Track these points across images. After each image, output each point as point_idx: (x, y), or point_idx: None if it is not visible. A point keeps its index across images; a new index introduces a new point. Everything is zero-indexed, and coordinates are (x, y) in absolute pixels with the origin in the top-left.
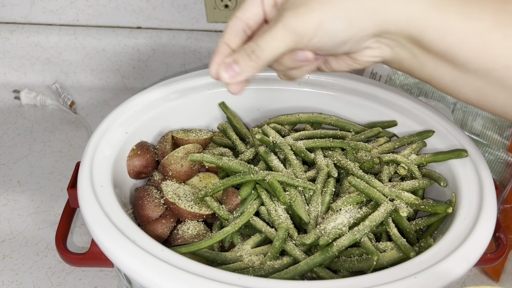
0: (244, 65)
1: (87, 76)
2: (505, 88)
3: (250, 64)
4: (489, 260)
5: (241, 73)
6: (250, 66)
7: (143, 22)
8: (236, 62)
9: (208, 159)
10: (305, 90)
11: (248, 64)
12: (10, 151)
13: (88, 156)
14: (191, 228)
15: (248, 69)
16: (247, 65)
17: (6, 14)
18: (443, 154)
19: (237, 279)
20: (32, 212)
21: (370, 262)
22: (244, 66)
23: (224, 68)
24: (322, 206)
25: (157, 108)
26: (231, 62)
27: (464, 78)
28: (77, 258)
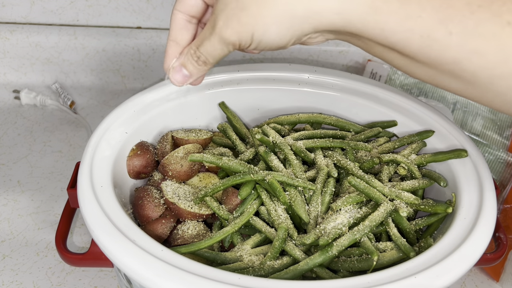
0: (192, 69)
1: (87, 76)
2: (457, 78)
3: (198, 68)
4: (489, 260)
5: (190, 76)
6: (198, 69)
7: (143, 22)
8: (184, 66)
9: (208, 159)
10: (305, 90)
11: (196, 68)
12: (10, 151)
13: (88, 156)
14: (191, 228)
15: (197, 71)
16: (195, 68)
17: (6, 14)
18: (443, 154)
19: (237, 279)
20: (32, 212)
21: (370, 262)
22: (192, 70)
23: (174, 72)
24: (322, 206)
25: (157, 108)
26: (179, 66)
27: (415, 65)
28: (77, 258)
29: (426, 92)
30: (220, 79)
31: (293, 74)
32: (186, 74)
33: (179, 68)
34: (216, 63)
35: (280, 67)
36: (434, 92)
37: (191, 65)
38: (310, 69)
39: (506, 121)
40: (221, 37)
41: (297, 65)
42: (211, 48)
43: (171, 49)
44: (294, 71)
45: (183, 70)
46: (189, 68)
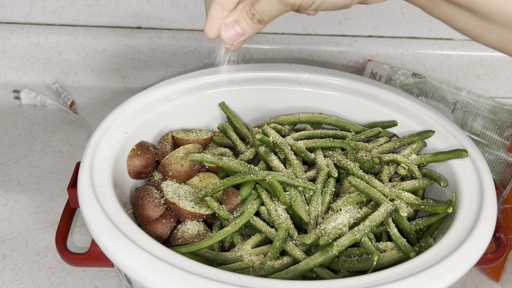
0: (245, 26)
1: (87, 76)
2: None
3: (252, 26)
4: (489, 260)
5: (243, 34)
6: (252, 27)
7: (143, 22)
8: (237, 22)
9: (208, 159)
10: (305, 90)
11: (250, 26)
12: (10, 151)
13: (88, 156)
14: (191, 228)
15: (250, 29)
16: (249, 26)
17: (6, 14)
18: (443, 154)
19: (237, 279)
20: (32, 212)
21: (370, 262)
22: (245, 27)
23: (225, 28)
24: (322, 206)
25: (157, 108)
26: (233, 22)
27: (486, 26)
28: (77, 258)
29: (426, 92)
30: (220, 79)
31: (293, 74)
32: (239, 32)
33: (232, 25)
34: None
35: (280, 67)
36: (434, 92)
37: (245, 22)
38: (310, 69)
39: (506, 121)
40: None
41: (297, 65)
42: (268, 7)
43: (215, 12)
44: (294, 71)
45: (236, 27)
46: (243, 25)
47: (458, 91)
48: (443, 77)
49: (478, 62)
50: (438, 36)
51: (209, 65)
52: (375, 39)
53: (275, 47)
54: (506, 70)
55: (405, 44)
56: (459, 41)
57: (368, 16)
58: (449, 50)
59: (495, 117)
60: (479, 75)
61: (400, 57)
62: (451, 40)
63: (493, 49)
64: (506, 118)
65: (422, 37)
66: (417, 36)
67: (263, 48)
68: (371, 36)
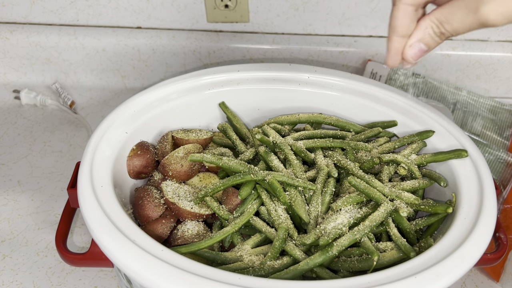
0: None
1: (87, 76)
2: None
3: (438, 42)
4: (489, 260)
5: (428, 50)
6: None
7: (143, 22)
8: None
9: (208, 159)
10: (305, 90)
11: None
12: (10, 151)
13: (88, 156)
14: (191, 228)
15: (435, 45)
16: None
17: (6, 14)
18: (443, 154)
19: (237, 279)
20: (32, 212)
21: (370, 262)
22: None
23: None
24: (322, 206)
25: (157, 108)
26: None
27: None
28: (77, 258)
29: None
30: (220, 79)
31: (293, 74)
32: (424, 49)
33: (417, 45)
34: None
35: (280, 67)
36: (434, 92)
37: (432, 39)
38: (310, 69)
39: (506, 121)
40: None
41: (297, 65)
42: (463, 27)
43: (398, 44)
44: (294, 71)
45: (421, 45)
46: (429, 43)
47: (458, 91)
48: (443, 77)
49: (478, 62)
50: None
51: (209, 65)
52: (375, 39)
53: (275, 47)
54: (506, 70)
55: None
56: (459, 41)
57: (368, 16)
58: (449, 50)
59: (495, 117)
60: (479, 75)
61: None
62: (451, 40)
63: (493, 49)
64: (506, 118)
65: None
66: None
67: (263, 48)
68: (371, 36)
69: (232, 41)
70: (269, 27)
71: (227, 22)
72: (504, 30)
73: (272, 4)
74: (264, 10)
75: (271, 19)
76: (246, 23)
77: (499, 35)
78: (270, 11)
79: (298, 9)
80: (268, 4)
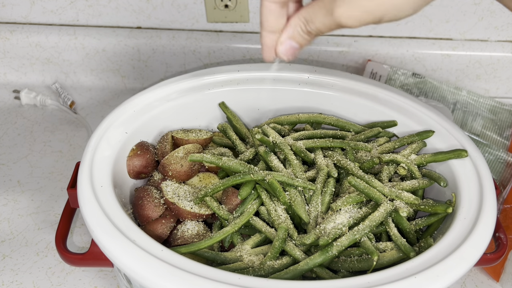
0: (302, 40)
1: (87, 76)
2: None
3: (308, 39)
4: (489, 260)
5: (300, 47)
6: (308, 41)
7: (143, 22)
8: (293, 39)
9: (208, 159)
10: (305, 90)
11: (306, 40)
12: (10, 151)
13: (88, 156)
14: (191, 228)
15: (306, 43)
16: (305, 40)
17: (6, 14)
18: (443, 154)
19: (237, 279)
20: (32, 212)
21: (370, 262)
22: (302, 42)
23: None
24: (322, 206)
25: (157, 108)
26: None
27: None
28: (77, 258)
29: (426, 92)
30: (220, 79)
31: (293, 74)
32: (295, 46)
33: (288, 42)
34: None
35: (280, 67)
36: (434, 92)
37: (300, 37)
38: (310, 69)
39: (506, 121)
40: (340, 23)
41: (297, 65)
42: (324, 27)
43: (268, 39)
44: (294, 71)
45: (291, 43)
46: (299, 40)
47: (458, 91)
48: (443, 77)
49: (478, 62)
50: (438, 36)
51: (209, 65)
52: (375, 39)
53: None
54: (506, 70)
55: (405, 44)
56: (459, 41)
57: None
58: (449, 50)
59: (495, 117)
60: (479, 75)
61: (400, 57)
62: (451, 40)
63: (493, 49)
64: (506, 118)
65: (422, 37)
66: (417, 36)
67: None
68: (371, 36)
69: (232, 41)
70: None
71: (227, 22)
72: (504, 30)
73: None
74: None
75: None
76: (246, 23)
77: (499, 35)
78: None
79: None
80: None
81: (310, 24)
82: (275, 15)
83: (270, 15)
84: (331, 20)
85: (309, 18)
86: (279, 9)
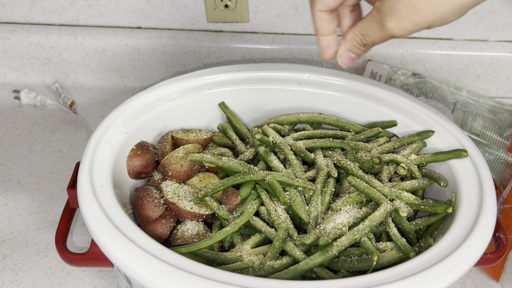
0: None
1: (87, 76)
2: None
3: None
4: (489, 260)
5: (357, 57)
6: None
7: (143, 22)
8: (350, 51)
9: (208, 159)
10: (305, 90)
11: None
12: (10, 151)
13: (88, 156)
14: (191, 228)
15: (362, 53)
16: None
17: (6, 14)
18: (443, 154)
19: (237, 279)
20: (32, 212)
21: (370, 262)
22: (359, 53)
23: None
24: (322, 206)
25: (157, 108)
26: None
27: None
28: (77, 258)
29: (426, 92)
30: (220, 79)
31: (293, 74)
32: (353, 57)
33: (346, 54)
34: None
35: (280, 67)
36: (434, 92)
37: (358, 49)
38: (310, 69)
39: (506, 121)
40: (392, 35)
41: (297, 65)
42: (379, 39)
43: (325, 42)
44: (294, 71)
45: (349, 54)
46: (356, 52)
47: (458, 91)
48: (443, 77)
49: (478, 62)
50: (438, 36)
51: (209, 65)
52: None
53: (275, 47)
54: (506, 70)
55: (405, 44)
56: (459, 41)
57: None
58: (449, 50)
59: (495, 117)
60: (479, 75)
61: (400, 57)
62: (451, 40)
63: (493, 49)
64: (506, 118)
65: (422, 37)
66: (417, 36)
67: (263, 48)
68: None
69: (232, 41)
70: (269, 27)
71: (227, 22)
72: (504, 30)
73: (272, 4)
74: (264, 10)
75: (271, 19)
76: (246, 23)
77: (499, 35)
78: (270, 11)
79: (298, 9)
80: (268, 4)
81: (365, 37)
82: (327, 21)
83: (323, 22)
84: (384, 33)
85: (364, 32)
86: (329, 15)
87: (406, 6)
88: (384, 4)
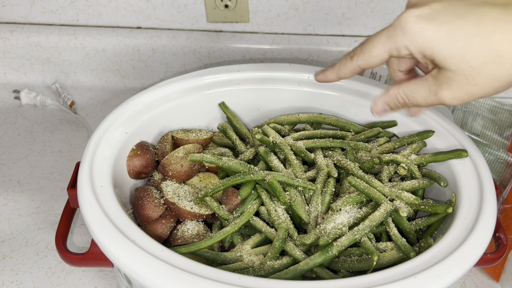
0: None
1: (87, 76)
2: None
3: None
4: (489, 260)
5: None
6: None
7: (143, 22)
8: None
9: (208, 159)
10: (305, 90)
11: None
12: (10, 151)
13: (88, 156)
14: (191, 228)
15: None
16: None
17: (6, 14)
18: (443, 154)
19: (237, 279)
20: (32, 212)
21: (370, 262)
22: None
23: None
24: (322, 206)
25: (157, 108)
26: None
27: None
28: (77, 258)
29: None
30: (220, 79)
31: (293, 74)
32: (387, 109)
33: (382, 104)
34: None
35: (280, 67)
36: None
37: (395, 105)
38: (310, 69)
39: (506, 121)
40: (443, 103)
41: (297, 65)
42: (424, 104)
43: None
44: (294, 71)
45: (385, 106)
46: (393, 108)
47: None
48: None
49: None
50: None
51: (209, 65)
52: None
53: (275, 47)
54: None
55: None
56: None
57: (368, 16)
58: None
59: (495, 117)
60: None
61: None
62: None
63: None
64: (506, 118)
65: None
66: None
67: (263, 48)
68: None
69: (232, 41)
70: (269, 27)
71: (227, 22)
72: None
73: (272, 4)
74: (264, 10)
75: (271, 19)
76: (246, 23)
77: None
78: (270, 11)
79: (298, 9)
80: (268, 4)
81: (410, 99)
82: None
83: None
84: (436, 100)
85: (411, 94)
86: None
87: (466, 80)
88: (442, 74)
